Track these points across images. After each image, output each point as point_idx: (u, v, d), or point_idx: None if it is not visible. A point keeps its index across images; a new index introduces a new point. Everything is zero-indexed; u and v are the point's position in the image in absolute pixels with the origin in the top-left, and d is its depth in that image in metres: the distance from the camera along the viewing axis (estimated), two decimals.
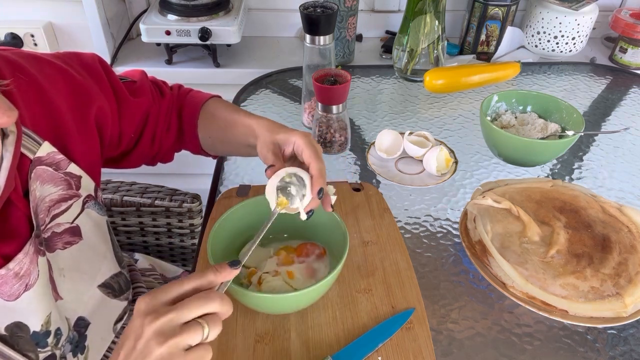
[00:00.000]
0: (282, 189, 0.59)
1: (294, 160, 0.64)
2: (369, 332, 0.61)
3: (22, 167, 0.53)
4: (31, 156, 0.54)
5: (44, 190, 0.55)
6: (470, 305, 0.68)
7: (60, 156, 0.57)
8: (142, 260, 0.91)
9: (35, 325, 0.54)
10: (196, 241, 1.00)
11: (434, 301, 0.68)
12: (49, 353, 0.56)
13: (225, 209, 0.65)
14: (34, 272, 0.52)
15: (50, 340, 0.56)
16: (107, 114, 0.64)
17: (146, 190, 0.97)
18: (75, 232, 0.60)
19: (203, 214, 0.95)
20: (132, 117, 0.69)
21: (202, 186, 0.98)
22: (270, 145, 0.62)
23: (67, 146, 0.58)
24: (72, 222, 0.59)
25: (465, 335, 0.64)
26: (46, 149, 0.55)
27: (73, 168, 0.59)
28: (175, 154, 0.80)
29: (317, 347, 0.60)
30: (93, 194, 0.63)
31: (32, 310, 0.53)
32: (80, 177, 0.60)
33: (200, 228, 0.99)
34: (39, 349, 0.55)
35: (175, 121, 0.74)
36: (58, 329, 0.57)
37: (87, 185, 0.61)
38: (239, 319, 0.63)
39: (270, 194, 0.59)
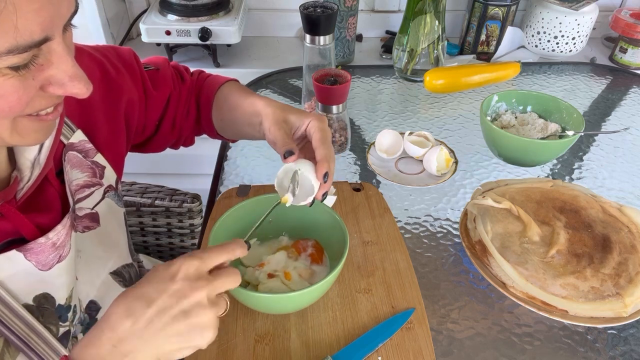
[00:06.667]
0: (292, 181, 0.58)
1: (303, 146, 0.64)
2: (369, 332, 0.61)
3: (57, 150, 0.57)
4: (65, 141, 0.58)
5: (72, 174, 0.59)
6: (470, 305, 0.68)
7: (90, 145, 0.61)
8: (146, 262, 0.91)
9: (61, 299, 0.56)
10: (196, 241, 1.00)
11: (434, 301, 0.68)
12: (67, 329, 0.57)
13: (225, 209, 0.66)
14: (68, 245, 0.55)
15: (70, 315, 0.57)
16: (135, 106, 0.68)
17: (146, 190, 0.97)
18: (94, 218, 0.62)
19: (203, 214, 0.95)
20: (156, 108, 0.73)
21: (202, 186, 0.98)
22: (281, 123, 0.61)
23: (95, 137, 0.62)
24: (92, 209, 0.62)
25: (465, 335, 0.64)
26: (78, 136, 0.60)
27: (99, 158, 0.62)
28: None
29: (317, 347, 0.60)
30: (114, 185, 0.66)
31: (60, 283, 0.55)
32: (104, 167, 0.63)
33: (200, 228, 0.99)
34: (60, 323, 0.56)
35: (193, 106, 0.76)
36: (75, 306, 0.59)
37: (110, 176, 0.64)
38: (239, 319, 0.63)
39: (279, 186, 0.59)
